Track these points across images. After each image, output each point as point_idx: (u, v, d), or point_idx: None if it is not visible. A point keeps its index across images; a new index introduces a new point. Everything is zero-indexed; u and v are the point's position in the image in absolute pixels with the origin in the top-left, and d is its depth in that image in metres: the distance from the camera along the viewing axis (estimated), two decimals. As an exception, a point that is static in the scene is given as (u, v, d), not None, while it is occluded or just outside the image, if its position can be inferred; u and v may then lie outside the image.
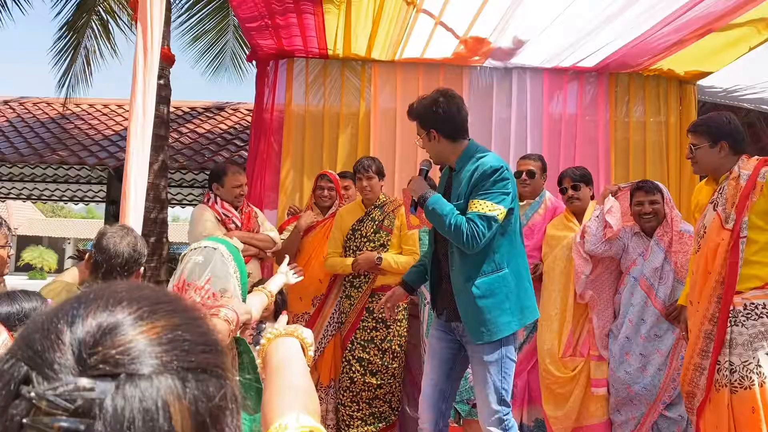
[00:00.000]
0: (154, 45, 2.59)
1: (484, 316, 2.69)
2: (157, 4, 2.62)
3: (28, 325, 0.58)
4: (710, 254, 2.83)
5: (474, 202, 2.66)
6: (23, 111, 9.56)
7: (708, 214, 2.91)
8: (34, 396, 0.50)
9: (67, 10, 7.33)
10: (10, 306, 1.57)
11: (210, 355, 0.58)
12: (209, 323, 0.62)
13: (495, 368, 2.73)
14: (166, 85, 6.01)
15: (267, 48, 5.01)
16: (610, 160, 5.10)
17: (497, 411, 2.74)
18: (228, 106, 9.93)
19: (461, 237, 2.62)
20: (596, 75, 5.17)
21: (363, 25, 4.58)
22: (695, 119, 4.10)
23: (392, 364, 3.94)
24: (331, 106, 5.15)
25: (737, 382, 2.69)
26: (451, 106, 2.78)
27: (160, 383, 0.52)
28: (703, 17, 4.09)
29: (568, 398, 3.66)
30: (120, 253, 2.18)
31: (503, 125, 5.13)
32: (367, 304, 3.98)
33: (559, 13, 4.22)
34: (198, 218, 3.91)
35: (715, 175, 2.96)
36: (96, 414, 0.49)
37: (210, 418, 0.55)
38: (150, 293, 0.61)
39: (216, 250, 1.79)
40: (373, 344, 3.93)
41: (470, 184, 2.71)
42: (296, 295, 4.14)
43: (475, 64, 5.12)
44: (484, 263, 2.71)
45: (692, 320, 2.94)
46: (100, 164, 7.78)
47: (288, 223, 4.36)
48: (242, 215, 4.02)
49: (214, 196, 3.99)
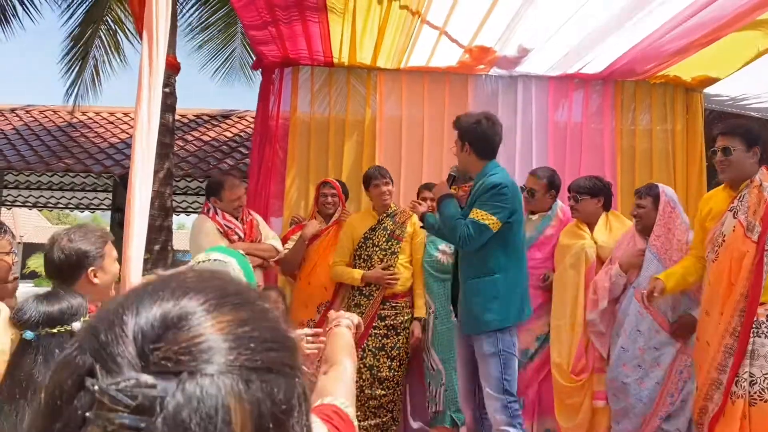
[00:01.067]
0: (160, 54, 2.58)
1: (472, 310, 3.18)
2: (162, 13, 2.62)
3: (97, 312, 0.57)
4: (734, 264, 2.75)
5: (473, 211, 3.09)
6: (30, 119, 9.60)
7: (727, 222, 2.84)
8: (97, 390, 0.49)
9: (75, 20, 7.37)
10: (60, 303, 1.63)
11: (277, 353, 0.55)
12: (278, 317, 0.59)
13: (494, 359, 3.09)
14: (171, 94, 6.04)
15: (272, 56, 5.01)
16: (616, 168, 5.07)
17: (499, 398, 3.06)
18: (234, 114, 9.96)
19: (455, 236, 3.12)
20: (602, 83, 5.15)
21: (368, 33, 4.58)
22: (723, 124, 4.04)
23: (398, 372, 3.94)
24: (336, 114, 5.15)
25: (757, 395, 2.63)
26: (489, 130, 3.23)
27: (222, 383, 0.50)
28: (709, 23, 4.06)
29: (579, 409, 3.63)
30: (51, 260, 2.16)
31: (508, 133, 5.06)
32: (379, 311, 3.98)
33: (564, 20, 4.21)
34: (199, 230, 3.86)
35: (738, 181, 2.90)
36: (157, 412, 0.48)
37: (273, 421, 0.52)
38: (219, 283, 0.59)
39: (227, 264, 1.80)
40: (383, 352, 3.94)
41: (474, 196, 3.17)
42: (301, 302, 4.13)
43: (480, 72, 5.11)
44: (478, 267, 3.17)
45: (709, 332, 2.86)
46: (106, 172, 7.80)
47: (292, 232, 4.33)
48: (244, 225, 3.96)
49: (214, 208, 3.92)
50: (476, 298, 3.16)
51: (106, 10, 7.25)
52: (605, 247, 3.68)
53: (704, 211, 3.09)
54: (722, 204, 2.95)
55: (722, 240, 2.85)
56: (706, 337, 2.89)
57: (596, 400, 3.59)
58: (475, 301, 3.16)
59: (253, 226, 4.02)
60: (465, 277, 3.23)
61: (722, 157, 2.90)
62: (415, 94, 5.10)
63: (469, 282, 3.20)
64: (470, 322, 3.19)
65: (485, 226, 3.05)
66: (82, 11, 7.37)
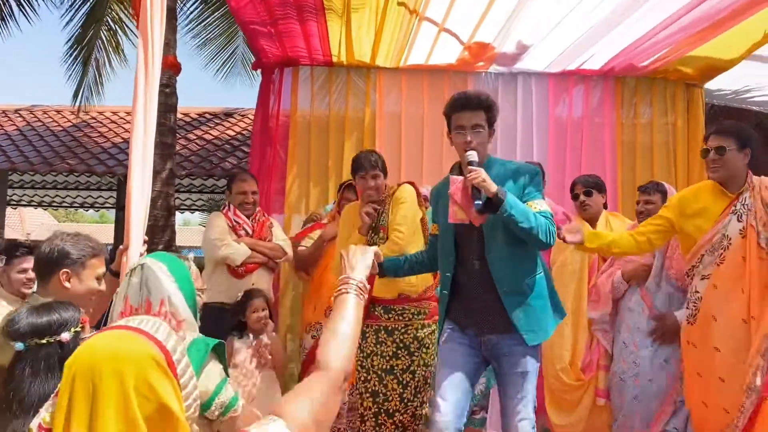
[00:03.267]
0: (155, 55, 2.59)
1: (537, 315, 2.63)
2: (157, 13, 2.63)
3: None
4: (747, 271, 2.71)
5: (530, 203, 2.56)
6: (33, 119, 9.64)
7: (731, 225, 2.79)
8: None
9: (77, 21, 7.41)
10: (50, 315, 1.64)
11: None
12: None
13: (533, 377, 2.65)
14: (172, 93, 6.04)
15: (272, 55, 5.02)
16: (616, 162, 5.06)
17: (532, 419, 2.62)
18: (236, 113, 9.97)
19: (540, 235, 2.51)
20: (602, 78, 5.13)
21: (366, 32, 4.59)
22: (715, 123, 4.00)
23: (412, 402, 3.29)
24: (336, 113, 5.15)
25: None
26: None
27: None
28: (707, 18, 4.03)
29: (576, 405, 3.61)
30: (36, 254, 2.21)
31: (509, 130, 5.10)
32: (384, 323, 3.33)
33: (563, 15, 4.20)
34: (209, 224, 4.06)
35: (730, 181, 2.87)
36: None
37: None
38: None
39: (142, 266, 1.83)
40: (392, 375, 3.28)
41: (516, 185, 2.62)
42: (310, 304, 4.09)
43: (480, 69, 5.10)
44: (531, 264, 2.67)
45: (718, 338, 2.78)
46: (109, 172, 7.84)
47: (310, 230, 4.28)
48: (255, 223, 4.04)
49: (228, 203, 4.10)
50: (539, 301, 2.65)
51: (106, 10, 7.27)
52: None
53: (691, 208, 2.98)
54: (715, 204, 2.89)
55: (728, 243, 2.79)
56: (713, 343, 2.80)
57: (598, 398, 3.55)
58: (538, 303, 2.64)
59: (264, 226, 4.08)
60: (518, 278, 2.63)
61: (716, 156, 2.87)
62: (414, 91, 5.10)
63: (526, 282, 2.64)
64: (533, 331, 2.62)
65: (552, 215, 2.61)
66: (84, 11, 7.40)
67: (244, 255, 3.89)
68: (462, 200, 2.56)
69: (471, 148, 2.59)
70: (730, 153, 2.84)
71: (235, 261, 3.87)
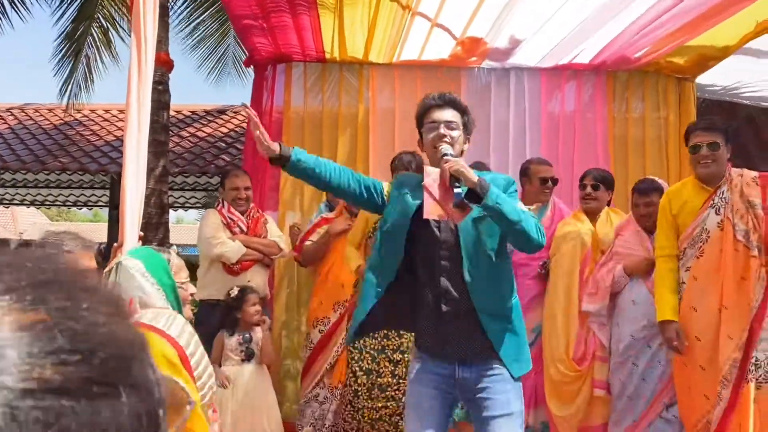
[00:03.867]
0: (148, 53, 2.59)
1: (520, 341, 2.29)
2: (150, 9, 2.63)
3: None
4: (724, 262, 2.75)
5: None
6: (25, 118, 9.59)
7: (710, 218, 2.84)
8: None
9: (67, 18, 7.37)
10: None
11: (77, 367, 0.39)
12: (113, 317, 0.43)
13: (520, 419, 2.28)
14: (165, 91, 6.04)
15: (264, 52, 5.01)
16: (609, 157, 5.08)
17: None
18: (229, 110, 9.95)
19: (532, 231, 2.16)
20: (594, 73, 5.15)
21: (359, 27, 4.59)
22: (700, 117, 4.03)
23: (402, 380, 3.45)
24: (330, 109, 5.15)
25: (762, 377, 2.67)
26: None
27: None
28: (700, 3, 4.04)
29: (576, 396, 3.63)
30: None
31: (502, 126, 5.11)
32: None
33: (555, 9, 4.21)
34: (203, 222, 4.09)
35: (715, 177, 2.89)
36: None
37: None
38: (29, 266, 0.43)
39: (118, 265, 1.83)
40: (384, 354, 3.55)
41: None
42: (317, 299, 4.06)
43: (472, 65, 5.11)
44: (509, 282, 2.31)
45: (698, 327, 2.85)
46: (102, 170, 7.82)
47: (318, 225, 4.24)
48: (250, 220, 4.04)
49: (222, 200, 4.11)
50: (519, 324, 2.31)
51: (97, 7, 7.24)
52: (606, 241, 3.69)
53: (677, 205, 3.02)
54: (696, 199, 2.93)
55: (707, 237, 2.84)
56: (694, 333, 2.88)
57: (596, 389, 3.58)
58: (520, 328, 2.31)
59: (259, 223, 4.09)
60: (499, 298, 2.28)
61: (709, 152, 2.88)
62: (407, 87, 5.10)
63: (508, 305, 2.29)
64: (517, 361, 2.28)
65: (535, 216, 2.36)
66: (75, 8, 7.36)
67: (239, 253, 3.89)
68: (439, 193, 2.19)
69: (445, 142, 2.29)
70: (723, 150, 2.87)
71: (230, 259, 3.88)
